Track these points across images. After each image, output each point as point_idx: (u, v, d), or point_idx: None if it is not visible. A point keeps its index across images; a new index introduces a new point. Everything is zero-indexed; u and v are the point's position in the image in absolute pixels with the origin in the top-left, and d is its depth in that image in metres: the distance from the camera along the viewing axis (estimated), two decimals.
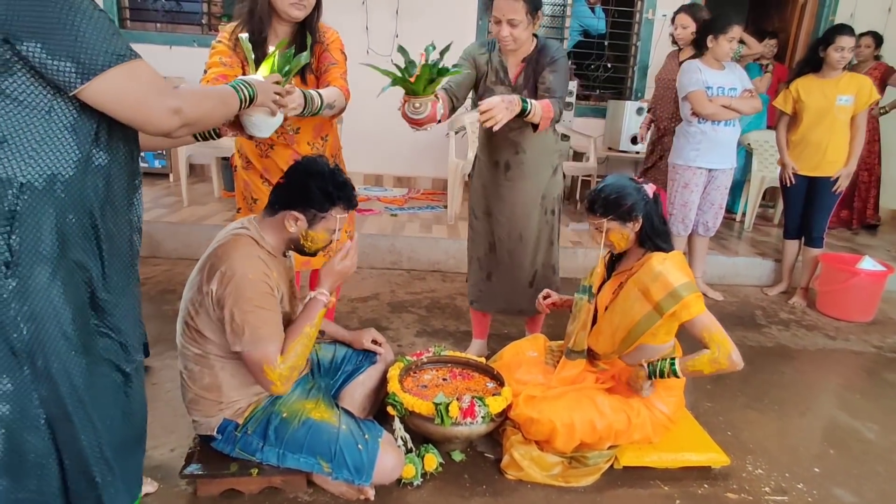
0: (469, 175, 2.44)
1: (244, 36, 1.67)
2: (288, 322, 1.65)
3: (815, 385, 2.62)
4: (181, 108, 1.06)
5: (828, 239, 3.62)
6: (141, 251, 3.74)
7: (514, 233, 2.26)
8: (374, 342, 2.02)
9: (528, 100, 1.94)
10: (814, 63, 3.28)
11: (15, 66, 0.96)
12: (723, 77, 3.13)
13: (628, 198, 1.79)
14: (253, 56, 1.65)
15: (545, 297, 2.10)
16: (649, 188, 1.84)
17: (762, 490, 1.85)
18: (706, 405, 2.32)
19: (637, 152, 4.63)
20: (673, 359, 1.76)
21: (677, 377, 1.75)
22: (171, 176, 4.67)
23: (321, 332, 2.02)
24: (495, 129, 1.87)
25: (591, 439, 1.79)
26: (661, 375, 1.75)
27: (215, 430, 1.62)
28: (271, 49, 1.56)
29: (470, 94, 2.25)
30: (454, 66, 2.15)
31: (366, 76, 1.86)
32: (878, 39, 4.46)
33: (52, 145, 1.02)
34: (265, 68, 1.52)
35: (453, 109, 2.16)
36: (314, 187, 1.56)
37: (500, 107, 1.84)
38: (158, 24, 4.98)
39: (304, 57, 1.64)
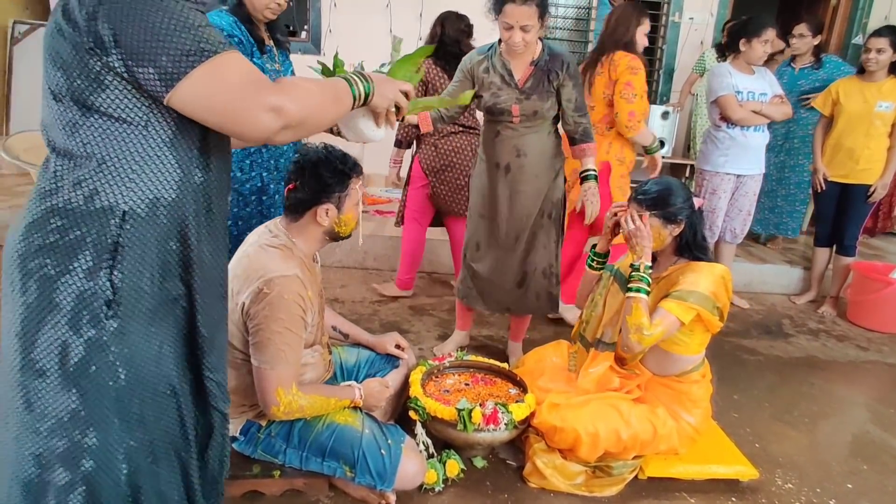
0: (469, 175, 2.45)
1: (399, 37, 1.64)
2: (316, 330, 1.67)
3: (847, 398, 2.55)
4: (282, 106, 0.88)
5: (860, 247, 3.52)
6: None
7: (511, 234, 2.25)
8: (398, 346, 2.01)
9: (592, 172, 2.23)
10: (860, 66, 3.21)
11: (106, 78, 0.86)
12: (753, 82, 3.07)
13: (676, 198, 1.76)
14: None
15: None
16: (697, 201, 1.81)
17: None
18: (733, 416, 2.26)
19: (662, 157, 4.55)
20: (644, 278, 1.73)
21: (642, 281, 1.72)
22: None
23: (345, 336, 2.03)
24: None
25: (616, 449, 1.76)
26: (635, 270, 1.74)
27: (238, 431, 1.62)
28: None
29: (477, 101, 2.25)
30: (452, 83, 2.28)
31: None
32: None
33: (152, 165, 0.91)
34: (402, 70, 1.28)
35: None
36: (326, 173, 1.56)
37: (596, 207, 2.23)
38: None
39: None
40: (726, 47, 3.19)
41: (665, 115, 4.46)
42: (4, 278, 0.94)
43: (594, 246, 2.04)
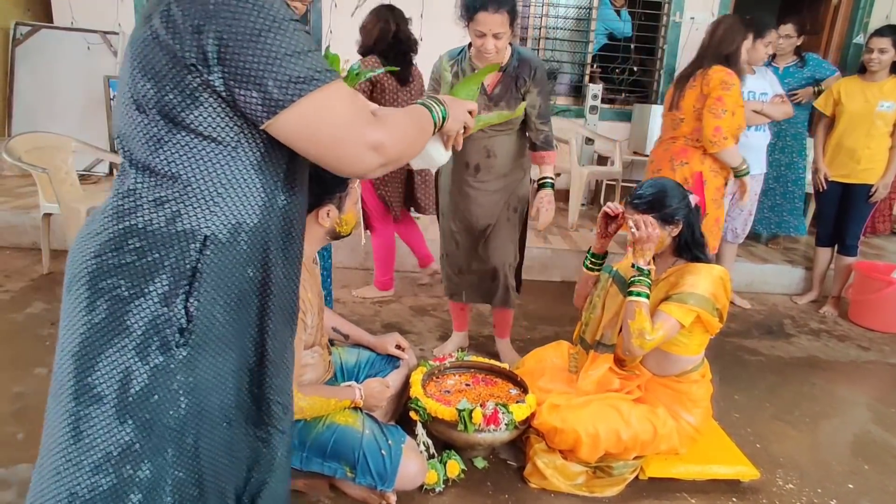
0: (436, 173, 2.45)
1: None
2: (315, 331, 1.67)
3: (848, 398, 2.54)
4: (383, 143, 0.86)
5: (861, 247, 3.51)
6: None
7: (478, 230, 2.27)
8: (398, 347, 2.01)
9: (549, 180, 2.21)
10: (861, 65, 3.20)
11: (202, 95, 0.81)
12: (754, 81, 3.07)
13: (672, 199, 1.75)
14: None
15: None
16: (693, 198, 1.81)
17: None
18: (734, 416, 2.26)
19: None
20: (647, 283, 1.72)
21: (644, 282, 1.72)
22: None
23: (345, 336, 2.03)
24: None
25: (617, 449, 1.76)
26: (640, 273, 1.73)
27: None
28: None
29: None
30: (428, 87, 2.38)
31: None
32: None
33: (237, 188, 0.86)
34: (466, 89, 1.26)
35: None
36: (327, 175, 1.55)
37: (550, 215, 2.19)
38: None
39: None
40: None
41: None
42: (68, 295, 0.89)
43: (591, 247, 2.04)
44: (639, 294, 1.71)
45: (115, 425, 0.85)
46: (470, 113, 1.15)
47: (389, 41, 2.72)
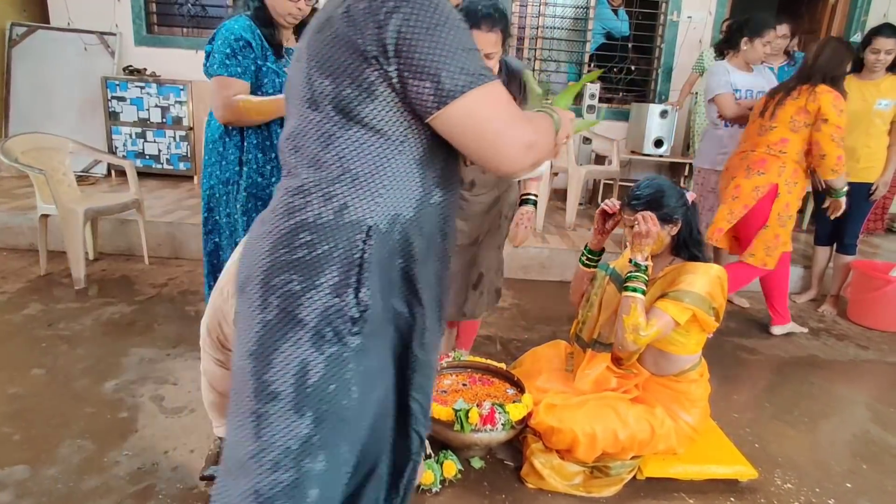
0: None
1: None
2: None
3: (847, 397, 2.54)
4: (537, 143, 0.88)
5: (860, 246, 3.51)
6: (164, 252, 3.81)
7: (472, 237, 2.20)
8: None
9: (532, 197, 2.13)
10: (856, 64, 3.18)
11: (378, 88, 0.84)
12: (751, 80, 3.07)
13: (670, 199, 1.75)
14: None
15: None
16: (690, 195, 1.81)
17: None
18: (733, 416, 2.26)
19: (660, 155, 4.56)
20: (644, 280, 1.71)
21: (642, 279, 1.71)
22: (195, 178, 4.73)
23: None
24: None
25: (614, 449, 1.75)
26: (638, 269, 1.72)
27: None
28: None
29: None
30: None
31: None
32: None
33: (400, 182, 0.89)
34: (566, 98, 1.23)
35: None
36: None
37: (528, 233, 2.09)
38: (184, 29, 5.06)
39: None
40: (724, 44, 3.18)
41: (664, 113, 4.45)
42: (242, 297, 0.92)
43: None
44: (634, 289, 1.71)
45: (293, 419, 0.87)
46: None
47: None
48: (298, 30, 2.03)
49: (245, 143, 2.02)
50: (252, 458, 0.88)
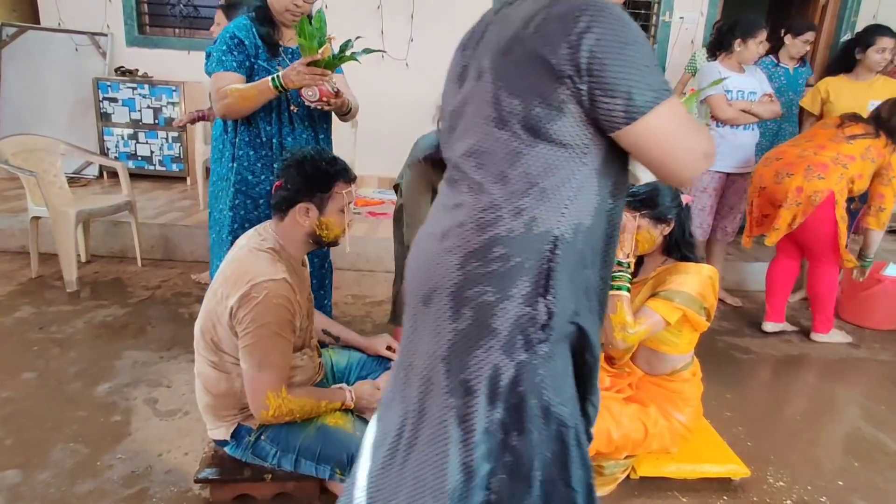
0: (395, 187, 2.31)
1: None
2: (304, 334, 1.66)
3: (838, 395, 2.56)
4: (712, 152, 0.93)
5: (850, 245, 3.53)
6: (157, 254, 3.77)
7: None
8: (389, 348, 2.01)
9: None
10: (847, 64, 3.19)
11: (568, 106, 0.88)
12: (743, 81, 3.08)
13: (664, 198, 1.76)
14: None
15: None
16: (685, 197, 1.82)
17: (784, 503, 1.80)
18: (726, 415, 2.27)
19: None
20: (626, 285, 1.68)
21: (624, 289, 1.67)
22: (188, 179, 4.71)
23: (336, 338, 2.02)
24: None
25: (608, 449, 1.76)
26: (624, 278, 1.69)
27: (230, 435, 1.62)
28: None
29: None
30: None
31: (379, 78, 1.89)
32: None
33: (581, 191, 0.93)
34: (690, 104, 1.36)
35: None
36: (309, 171, 1.55)
37: None
38: (176, 30, 5.03)
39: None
40: (716, 45, 3.20)
41: None
42: (428, 307, 0.98)
43: None
44: (619, 287, 1.71)
45: (490, 410, 0.94)
46: None
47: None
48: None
49: (237, 140, 2.04)
50: (458, 440, 0.95)
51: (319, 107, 1.94)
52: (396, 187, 2.35)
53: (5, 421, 1.96)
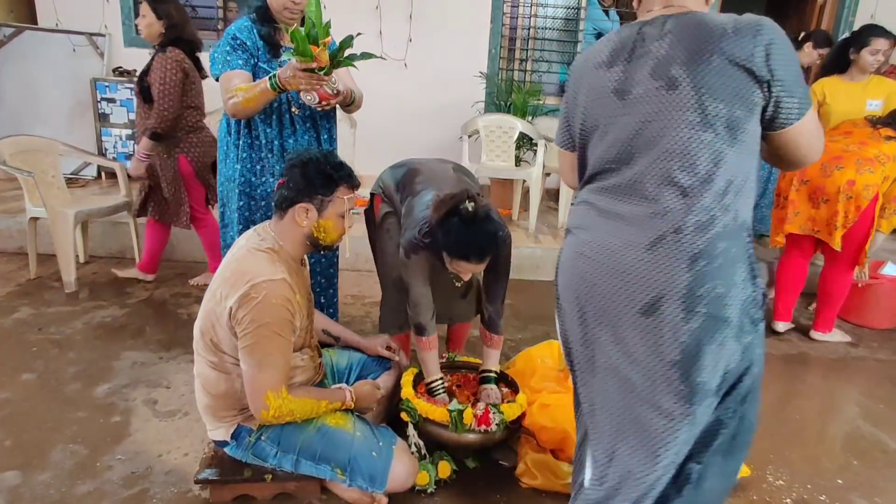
0: (376, 194, 2.19)
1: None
2: (304, 334, 1.66)
3: (837, 394, 2.56)
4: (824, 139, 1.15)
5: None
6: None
7: None
8: (388, 349, 2.01)
9: (492, 375, 1.99)
10: (841, 64, 3.18)
11: (758, 106, 1.04)
12: None
13: None
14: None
15: None
16: None
17: (783, 502, 1.81)
18: None
19: None
20: None
21: None
22: None
23: (336, 339, 2.02)
24: None
25: None
26: None
27: (230, 435, 1.61)
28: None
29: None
30: None
31: (378, 75, 1.84)
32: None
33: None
34: None
35: None
36: (312, 173, 1.55)
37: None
38: None
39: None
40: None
41: None
42: (651, 318, 1.04)
43: None
44: None
45: (718, 400, 1.07)
46: None
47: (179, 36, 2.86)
48: None
49: (240, 142, 2.04)
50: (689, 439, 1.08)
51: (321, 108, 1.94)
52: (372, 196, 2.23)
53: (4, 422, 1.95)
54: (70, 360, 2.38)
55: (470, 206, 1.69)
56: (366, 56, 1.86)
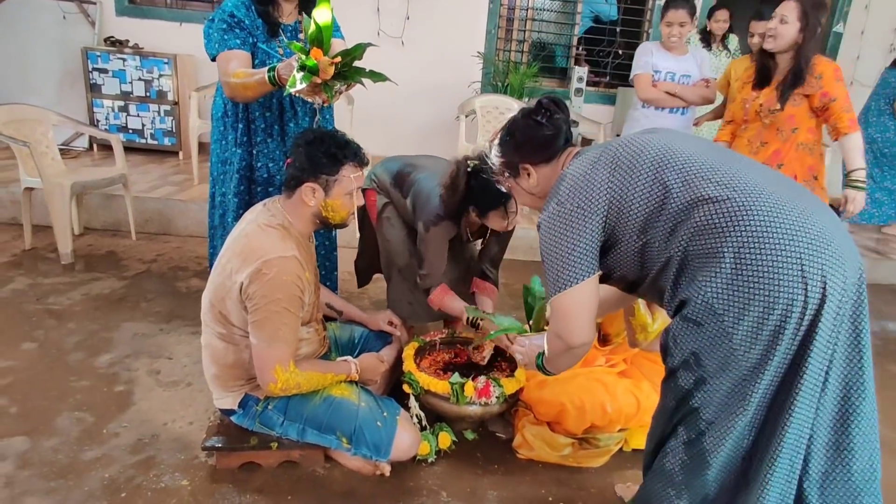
0: (369, 189, 2.21)
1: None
2: (312, 309, 1.70)
3: None
4: None
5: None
6: (152, 228, 3.75)
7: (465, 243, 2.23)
8: (391, 323, 2.05)
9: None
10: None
11: None
12: (676, 62, 2.96)
13: None
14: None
15: None
16: None
17: None
18: None
19: None
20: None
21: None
22: (180, 154, 4.66)
23: (339, 313, 2.06)
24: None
25: (602, 422, 1.83)
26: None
27: (237, 404, 1.65)
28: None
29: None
30: None
31: (374, 53, 1.80)
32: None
33: None
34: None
35: None
36: (318, 153, 1.56)
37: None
38: (168, 1, 4.93)
39: None
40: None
41: None
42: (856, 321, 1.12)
43: None
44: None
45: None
46: None
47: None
48: (303, 4, 2.00)
49: (239, 125, 2.02)
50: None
51: (318, 106, 1.89)
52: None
53: (8, 389, 1.97)
54: (70, 330, 2.39)
55: (473, 161, 1.84)
56: (375, 76, 1.73)
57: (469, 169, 1.86)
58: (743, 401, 1.10)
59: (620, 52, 5.37)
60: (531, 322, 1.83)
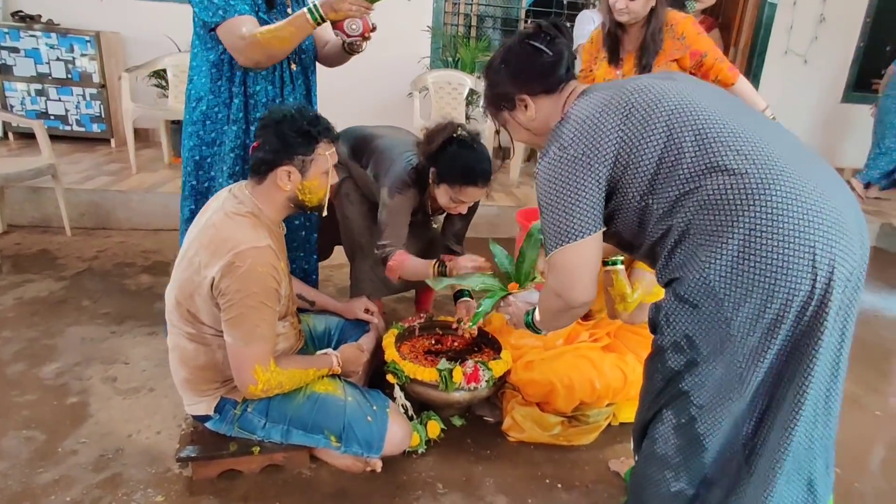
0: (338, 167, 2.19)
1: None
2: (287, 301, 1.59)
3: None
4: None
5: None
6: (88, 222, 3.48)
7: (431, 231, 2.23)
8: (367, 311, 1.96)
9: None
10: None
11: None
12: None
13: None
14: None
15: None
16: None
17: None
18: None
19: None
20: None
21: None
22: (112, 141, 4.31)
23: (311, 303, 1.94)
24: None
25: (591, 398, 1.81)
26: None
27: (212, 409, 1.53)
28: None
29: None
30: None
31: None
32: None
33: None
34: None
35: None
36: (289, 132, 1.44)
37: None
38: None
39: None
40: None
41: None
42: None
43: None
44: (614, 262, 1.75)
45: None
46: None
47: None
48: None
49: (233, 102, 1.82)
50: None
51: (357, 43, 1.75)
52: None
53: None
54: (6, 339, 2.16)
55: (463, 132, 1.76)
56: None
57: (455, 133, 1.80)
58: (740, 386, 1.04)
59: (568, 24, 5.36)
60: (519, 274, 1.73)
